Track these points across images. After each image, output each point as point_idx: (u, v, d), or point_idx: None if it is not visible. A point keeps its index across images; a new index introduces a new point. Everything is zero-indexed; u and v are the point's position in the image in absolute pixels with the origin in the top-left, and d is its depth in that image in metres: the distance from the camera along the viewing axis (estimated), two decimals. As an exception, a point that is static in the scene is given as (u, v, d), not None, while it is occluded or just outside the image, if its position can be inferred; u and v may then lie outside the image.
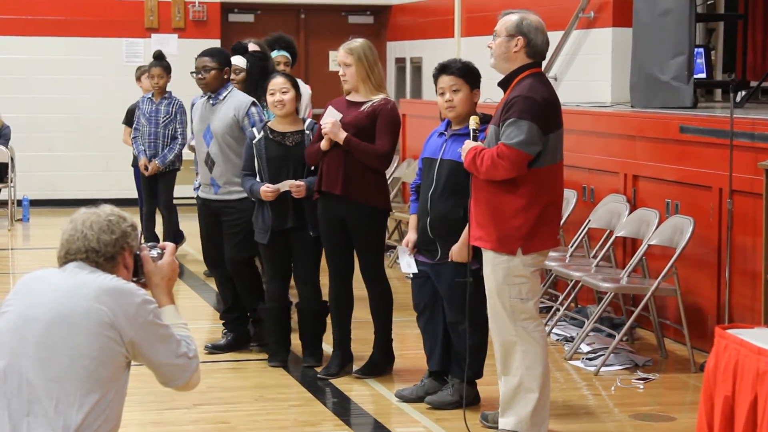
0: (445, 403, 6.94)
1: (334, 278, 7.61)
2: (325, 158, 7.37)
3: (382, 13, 17.66)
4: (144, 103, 11.70)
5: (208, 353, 8.24)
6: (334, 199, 7.38)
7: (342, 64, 7.39)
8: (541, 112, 6.00)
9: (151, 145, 11.59)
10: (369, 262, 7.52)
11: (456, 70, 6.71)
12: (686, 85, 9.80)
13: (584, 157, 9.80)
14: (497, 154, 5.96)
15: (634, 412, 7.05)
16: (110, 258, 4.01)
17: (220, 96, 8.17)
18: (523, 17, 6.12)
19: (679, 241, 8.14)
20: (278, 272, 7.88)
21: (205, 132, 8.17)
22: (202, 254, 8.80)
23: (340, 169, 7.32)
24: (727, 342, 4.81)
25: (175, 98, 11.69)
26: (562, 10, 12.06)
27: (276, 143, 7.71)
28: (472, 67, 6.77)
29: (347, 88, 7.43)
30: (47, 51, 16.33)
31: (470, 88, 6.71)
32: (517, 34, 6.09)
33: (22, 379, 3.85)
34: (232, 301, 8.37)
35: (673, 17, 9.94)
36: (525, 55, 6.11)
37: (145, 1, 16.61)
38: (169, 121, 11.60)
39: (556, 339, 8.76)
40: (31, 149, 16.02)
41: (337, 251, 7.54)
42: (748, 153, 7.93)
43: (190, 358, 4.06)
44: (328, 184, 7.37)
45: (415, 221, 6.98)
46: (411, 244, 7.00)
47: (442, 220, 6.76)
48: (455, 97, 6.70)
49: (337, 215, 7.43)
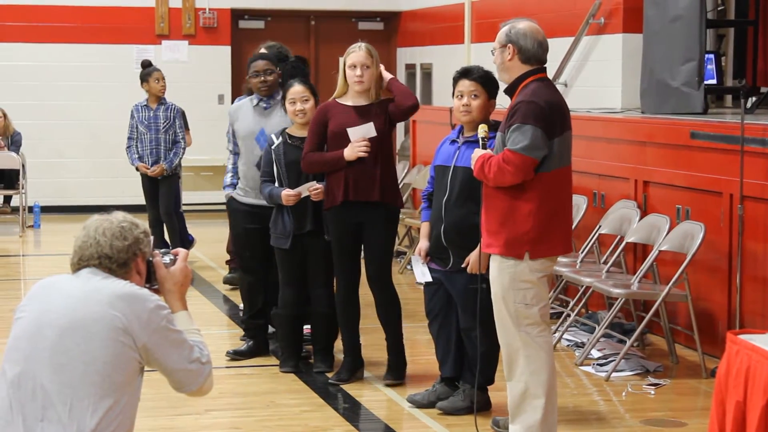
0: (456, 408, 6.95)
1: (343, 284, 7.62)
2: (352, 169, 7.36)
3: (392, 20, 17.68)
4: (140, 111, 11.66)
5: (230, 359, 8.25)
6: (360, 204, 7.39)
7: (361, 65, 7.38)
8: (545, 116, 6.00)
9: (153, 151, 11.59)
10: (379, 268, 7.51)
11: (478, 76, 6.76)
12: (697, 91, 9.80)
13: (595, 163, 9.81)
14: (503, 160, 5.97)
15: (645, 417, 7.05)
16: (123, 264, 4.02)
17: (273, 99, 8.20)
18: (511, 26, 6.14)
19: (689, 247, 8.14)
20: (293, 278, 7.88)
21: (259, 135, 8.16)
22: (238, 259, 8.70)
23: (375, 177, 7.33)
24: (738, 347, 4.81)
25: (171, 103, 11.70)
26: (573, 16, 12.06)
27: (295, 148, 7.72)
28: (492, 77, 6.79)
29: (361, 89, 7.39)
30: (58, 58, 16.38)
31: (488, 97, 6.75)
32: (507, 43, 6.12)
33: (36, 384, 3.87)
34: (260, 307, 8.36)
35: (683, 23, 9.93)
36: (520, 62, 6.12)
37: (156, 8, 16.65)
38: (169, 126, 11.63)
39: (566, 345, 8.76)
40: (42, 156, 16.06)
41: (348, 257, 7.55)
42: (759, 159, 7.93)
43: (203, 364, 4.08)
44: (358, 194, 7.37)
45: (428, 229, 6.98)
46: (423, 252, 7.00)
47: (457, 228, 6.76)
48: (473, 103, 6.73)
49: (356, 220, 7.44)
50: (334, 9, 17.33)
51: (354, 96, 7.45)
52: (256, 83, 8.22)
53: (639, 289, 8.38)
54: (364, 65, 7.37)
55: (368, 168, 7.35)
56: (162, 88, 11.60)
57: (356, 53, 7.39)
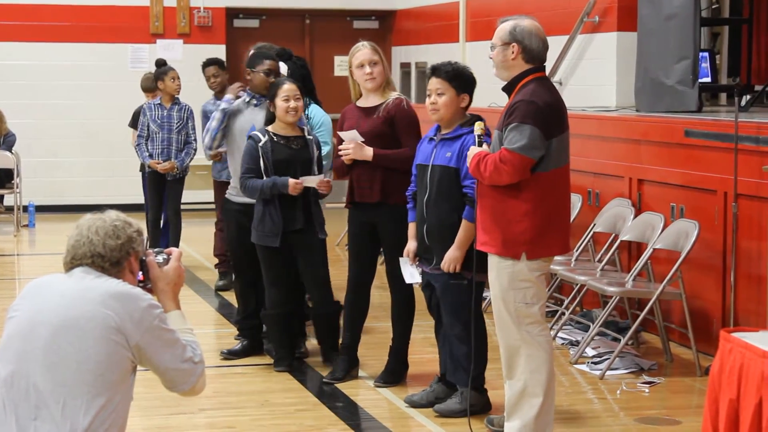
0: (452, 411, 6.92)
1: (354, 284, 7.59)
2: (354, 171, 7.37)
3: (387, 18, 17.68)
4: (153, 109, 11.57)
5: (223, 359, 8.25)
6: (368, 205, 7.38)
7: (369, 62, 7.36)
8: (544, 116, 5.98)
9: (165, 151, 11.52)
10: (395, 266, 7.46)
11: (444, 73, 6.68)
12: (691, 89, 9.81)
13: (589, 161, 9.81)
14: (500, 159, 5.95)
15: (640, 415, 7.05)
16: (116, 263, 4.02)
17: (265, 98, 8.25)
18: (515, 24, 6.10)
19: (684, 245, 8.14)
20: (281, 277, 7.86)
21: (250, 132, 8.17)
22: (231, 259, 8.68)
23: (375, 179, 7.32)
24: (732, 345, 4.81)
25: (184, 104, 11.66)
26: (567, 14, 12.07)
27: (282, 146, 7.71)
28: (463, 71, 6.73)
29: (374, 86, 7.38)
30: (52, 57, 16.37)
31: (456, 93, 6.67)
32: (512, 42, 6.08)
33: (29, 383, 3.87)
34: (253, 308, 8.36)
35: (677, 21, 9.94)
36: (523, 61, 6.10)
37: (151, 7, 16.64)
38: (182, 126, 11.59)
39: (561, 343, 8.76)
40: (36, 155, 16.05)
41: (362, 258, 7.54)
42: (753, 157, 7.94)
43: (196, 363, 4.07)
44: (362, 195, 7.37)
45: (414, 229, 6.97)
46: (412, 253, 6.99)
47: (438, 226, 6.74)
48: (439, 100, 6.69)
49: (370, 221, 7.43)
50: (329, 8, 17.33)
51: (366, 96, 7.45)
52: (266, 81, 8.23)
53: (633, 287, 8.39)
54: (372, 62, 7.37)
55: (368, 169, 7.34)
56: (178, 87, 11.51)
57: (362, 51, 7.39)
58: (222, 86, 10.95)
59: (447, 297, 6.78)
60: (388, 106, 7.39)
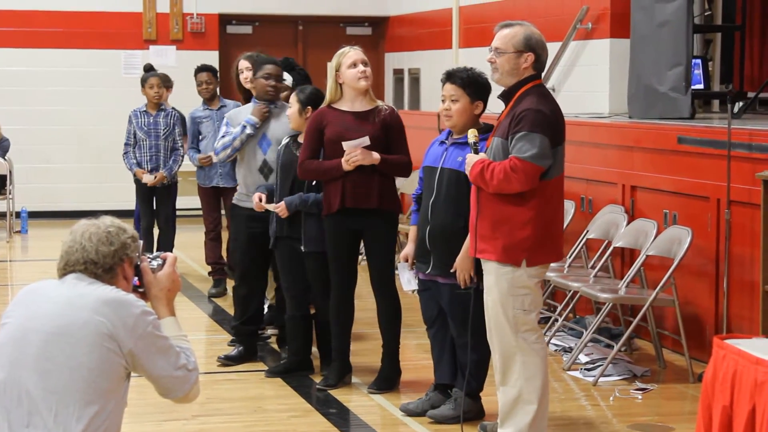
0: (446, 417, 6.90)
1: (338, 290, 7.57)
2: (349, 176, 7.33)
3: (380, 25, 17.69)
4: (138, 116, 11.48)
5: (220, 364, 8.24)
6: (358, 211, 7.36)
7: (362, 62, 7.36)
8: (551, 125, 6.00)
9: (153, 158, 11.46)
10: (382, 273, 7.47)
11: (459, 79, 6.65)
12: (684, 96, 9.82)
13: (582, 167, 9.82)
14: (511, 168, 5.92)
15: (633, 422, 7.05)
16: (109, 269, 4.01)
17: (275, 104, 8.26)
18: (530, 33, 6.06)
19: (677, 252, 8.14)
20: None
21: (261, 139, 8.17)
22: (236, 265, 8.62)
23: (373, 185, 7.31)
24: (725, 352, 4.82)
25: (171, 110, 11.60)
26: (560, 21, 12.08)
27: (291, 152, 7.75)
28: (477, 78, 6.68)
29: (367, 84, 7.37)
30: (46, 63, 16.36)
31: (470, 100, 6.65)
32: (527, 50, 6.05)
33: (22, 390, 3.86)
34: (251, 314, 8.35)
35: (670, 28, 9.96)
36: (532, 70, 6.12)
37: (144, 13, 16.64)
38: (169, 133, 11.53)
39: (554, 349, 8.76)
40: (29, 161, 16.02)
41: (344, 264, 7.51)
42: (746, 163, 7.95)
43: (190, 370, 4.06)
44: (357, 201, 7.35)
45: (415, 232, 6.97)
46: (411, 258, 6.99)
47: (442, 230, 6.73)
48: (453, 107, 6.68)
49: (354, 228, 7.41)
50: (322, 14, 17.33)
51: (351, 100, 7.41)
52: (266, 85, 8.23)
53: (626, 293, 8.39)
54: (365, 61, 7.37)
55: (366, 175, 7.33)
56: (155, 95, 11.35)
57: (354, 51, 7.39)
58: (212, 94, 10.95)
59: (455, 307, 6.73)
60: (384, 113, 7.40)
